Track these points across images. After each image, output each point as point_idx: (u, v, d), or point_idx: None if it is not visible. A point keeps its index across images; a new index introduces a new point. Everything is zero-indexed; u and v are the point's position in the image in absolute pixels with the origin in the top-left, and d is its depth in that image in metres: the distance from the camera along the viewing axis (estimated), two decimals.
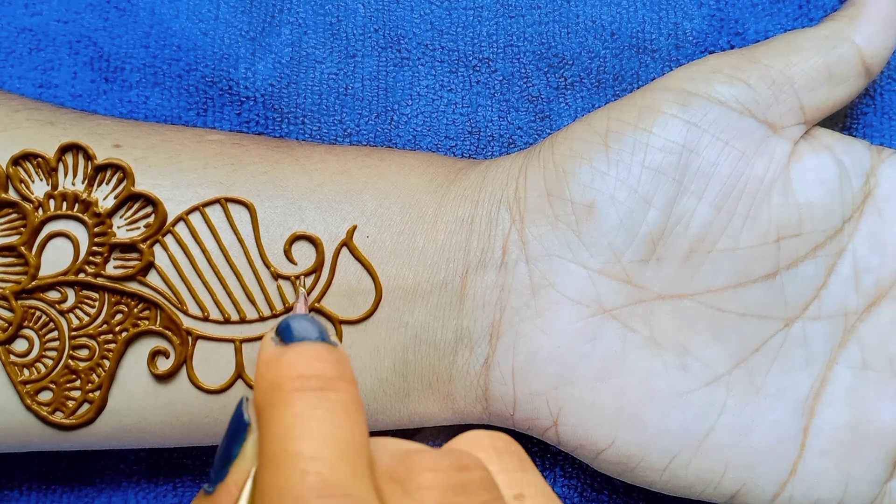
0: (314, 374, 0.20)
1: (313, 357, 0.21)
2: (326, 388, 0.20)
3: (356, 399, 0.21)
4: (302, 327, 0.22)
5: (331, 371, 0.21)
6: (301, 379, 0.20)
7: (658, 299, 0.27)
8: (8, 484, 0.32)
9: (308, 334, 0.22)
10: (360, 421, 0.20)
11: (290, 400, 0.20)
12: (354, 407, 0.20)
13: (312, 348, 0.21)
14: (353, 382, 0.21)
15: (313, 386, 0.20)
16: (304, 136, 0.32)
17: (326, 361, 0.21)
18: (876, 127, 0.32)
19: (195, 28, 0.31)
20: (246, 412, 0.21)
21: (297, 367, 0.21)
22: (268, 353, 0.21)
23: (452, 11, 0.32)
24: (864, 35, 0.28)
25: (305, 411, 0.20)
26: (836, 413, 0.28)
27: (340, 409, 0.20)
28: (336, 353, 0.21)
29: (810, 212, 0.28)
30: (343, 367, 0.21)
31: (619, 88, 0.32)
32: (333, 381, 0.20)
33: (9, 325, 0.27)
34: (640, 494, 0.31)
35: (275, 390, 0.20)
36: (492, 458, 0.21)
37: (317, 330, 0.22)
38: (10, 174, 0.27)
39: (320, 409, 0.20)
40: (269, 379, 0.21)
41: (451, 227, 0.28)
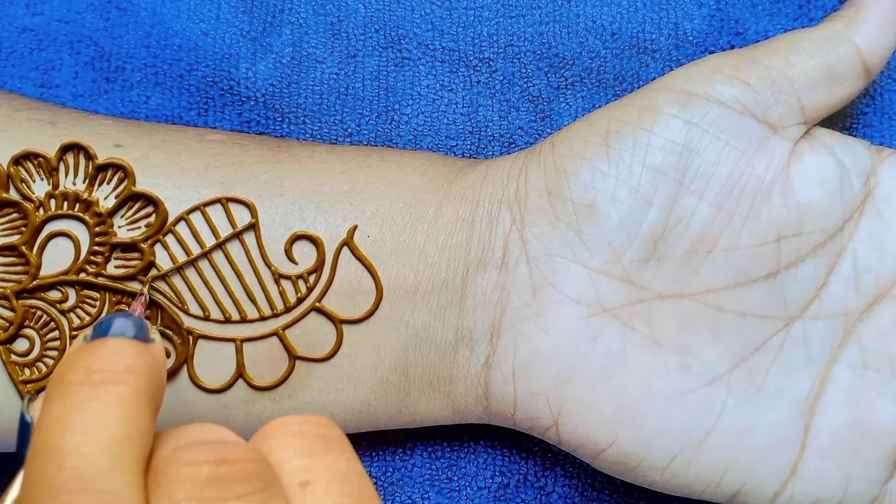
0: (101, 367, 0.20)
1: (108, 351, 0.21)
2: (109, 381, 0.20)
3: (140, 392, 0.20)
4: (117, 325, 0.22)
5: (122, 365, 0.21)
6: (86, 372, 0.20)
7: (658, 299, 0.27)
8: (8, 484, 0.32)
9: (123, 331, 0.22)
10: (138, 414, 0.20)
11: (68, 392, 0.20)
12: (135, 400, 0.20)
13: (112, 343, 0.21)
14: (144, 375, 0.21)
15: (95, 379, 0.20)
16: (305, 135, 0.32)
17: (121, 355, 0.21)
18: (876, 127, 0.32)
19: (196, 28, 0.32)
20: (27, 413, 0.22)
21: (87, 361, 0.21)
22: (71, 349, 0.22)
23: (453, 11, 0.32)
24: (864, 35, 0.28)
25: (78, 403, 0.20)
26: (837, 413, 0.28)
27: (116, 402, 0.20)
28: (138, 348, 0.21)
29: (810, 211, 0.28)
30: (140, 360, 0.21)
31: (619, 88, 0.32)
32: (120, 374, 0.20)
33: (10, 325, 0.27)
34: (641, 494, 0.32)
35: (58, 382, 0.20)
36: (288, 443, 0.21)
37: (132, 324, 0.22)
38: (11, 174, 0.27)
39: (93, 401, 0.20)
40: (58, 372, 0.21)
41: (452, 226, 0.28)
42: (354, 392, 0.28)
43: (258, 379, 0.28)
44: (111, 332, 0.22)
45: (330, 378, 0.28)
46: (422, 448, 0.31)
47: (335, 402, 0.28)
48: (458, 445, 0.31)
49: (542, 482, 0.31)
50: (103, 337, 0.22)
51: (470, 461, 0.31)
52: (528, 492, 0.31)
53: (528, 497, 0.31)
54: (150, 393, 0.21)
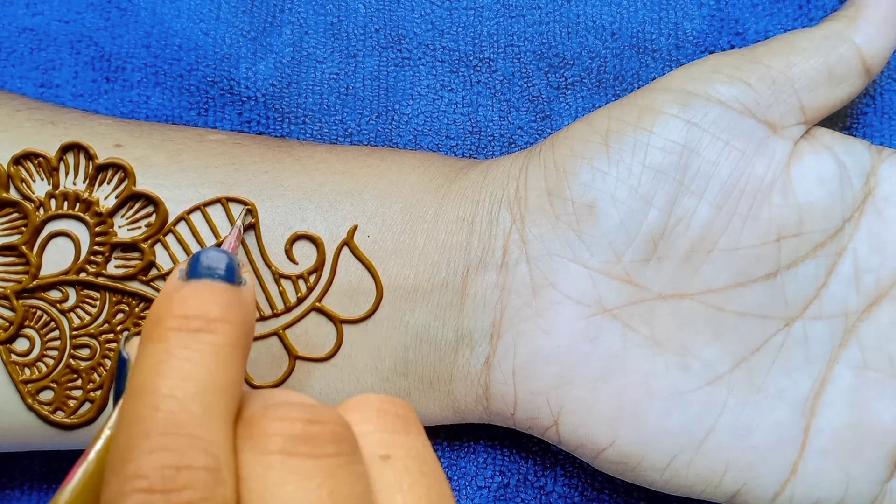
0: (197, 314, 0.21)
1: (202, 296, 0.21)
2: (204, 329, 0.21)
3: (233, 342, 0.21)
4: (210, 260, 0.22)
5: (216, 312, 0.21)
6: (182, 318, 0.21)
7: (659, 299, 0.27)
8: (9, 484, 0.32)
9: (215, 267, 0.22)
10: (231, 364, 0.21)
11: (165, 337, 0.21)
12: (228, 350, 0.21)
13: (207, 287, 0.22)
14: (236, 324, 0.21)
15: (191, 326, 0.21)
16: (305, 135, 0.32)
17: (214, 303, 0.21)
18: (876, 127, 0.32)
19: (196, 28, 0.32)
20: (125, 350, 0.22)
21: (182, 306, 0.21)
22: (167, 286, 0.22)
23: (453, 11, 0.32)
24: (864, 35, 0.28)
25: (174, 349, 0.20)
26: (837, 413, 0.28)
27: (210, 350, 0.20)
28: (231, 294, 0.22)
29: (811, 211, 0.28)
30: (232, 308, 0.22)
31: (619, 88, 0.32)
32: (215, 322, 0.21)
33: (10, 325, 0.27)
34: (641, 494, 0.32)
35: (155, 325, 0.21)
36: (370, 417, 0.22)
37: (224, 264, 0.22)
38: (12, 174, 0.27)
39: (189, 349, 0.20)
40: (155, 314, 0.21)
41: (452, 226, 0.28)
42: (354, 392, 0.28)
43: (258, 379, 0.28)
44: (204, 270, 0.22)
45: (330, 378, 0.28)
46: None
47: (335, 402, 0.28)
48: (458, 445, 0.31)
49: (542, 482, 0.31)
50: (198, 279, 0.22)
51: (470, 461, 0.31)
52: (528, 491, 0.31)
53: (528, 497, 0.31)
54: (241, 341, 0.21)
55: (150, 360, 0.20)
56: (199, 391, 0.20)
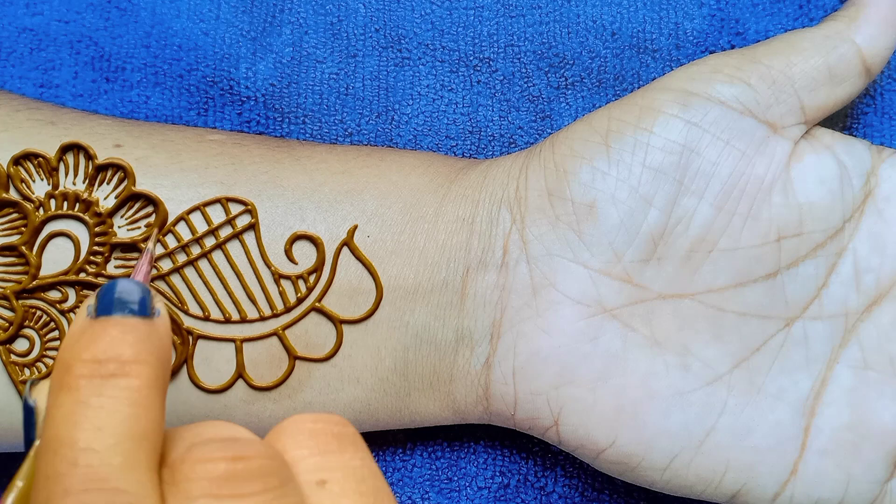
0: (108, 356, 0.20)
1: (113, 336, 0.20)
2: (117, 373, 0.20)
3: (150, 383, 0.20)
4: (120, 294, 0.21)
5: (128, 353, 0.20)
6: (93, 363, 0.20)
7: (659, 299, 0.27)
8: (8, 484, 0.32)
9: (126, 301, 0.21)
10: (150, 407, 0.20)
11: (77, 385, 0.20)
12: (145, 393, 0.20)
13: (118, 325, 0.21)
14: (152, 364, 0.20)
15: (103, 372, 0.20)
16: (305, 135, 0.32)
17: (125, 342, 0.20)
18: (876, 127, 0.32)
19: (196, 28, 0.31)
20: (30, 398, 0.21)
21: (92, 348, 0.20)
22: (74, 325, 0.21)
23: (453, 11, 0.32)
24: (865, 35, 0.28)
25: (88, 398, 0.20)
26: (837, 413, 0.28)
27: (125, 396, 0.20)
28: (143, 330, 0.21)
29: (811, 211, 0.28)
30: (146, 346, 0.21)
31: (619, 88, 0.32)
32: (128, 364, 0.20)
33: (10, 325, 0.27)
34: (641, 494, 0.31)
35: (65, 372, 0.20)
36: (303, 441, 0.21)
37: (136, 297, 0.21)
38: (11, 174, 0.27)
39: (103, 396, 0.20)
40: (64, 359, 0.20)
41: (452, 226, 0.28)
42: (354, 392, 0.28)
43: (258, 379, 0.28)
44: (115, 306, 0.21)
45: (330, 378, 0.28)
46: (422, 448, 0.31)
47: (335, 403, 0.28)
48: (459, 446, 0.31)
49: (543, 482, 0.31)
50: (107, 316, 0.21)
51: (470, 461, 0.31)
52: (529, 492, 0.31)
53: (529, 497, 0.31)
54: (158, 381, 0.21)
55: (64, 411, 0.19)
56: (118, 441, 0.19)
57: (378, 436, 0.31)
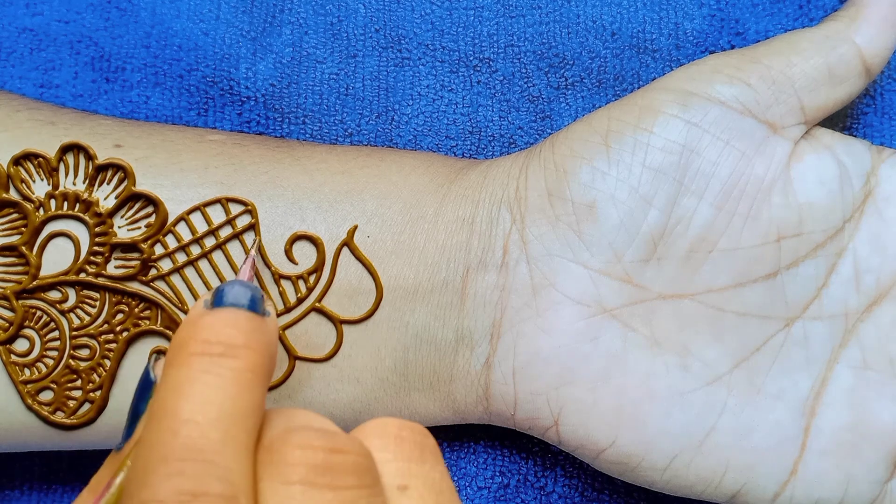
0: (220, 339, 0.21)
1: (226, 323, 0.21)
2: (226, 354, 0.21)
3: (255, 368, 0.21)
4: (234, 293, 0.22)
5: (239, 339, 0.21)
6: (205, 343, 0.21)
7: (659, 299, 0.27)
8: (8, 484, 0.32)
9: (238, 300, 0.22)
10: (251, 389, 0.20)
11: (188, 362, 0.20)
12: (250, 376, 0.21)
13: (230, 314, 0.22)
14: (259, 351, 0.21)
15: (214, 351, 0.21)
16: (305, 136, 0.32)
17: (238, 329, 0.21)
18: (876, 127, 0.32)
19: (196, 28, 0.32)
20: (152, 371, 0.22)
21: (206, 331, 0.21)
22: (191, 314, 0.22)
23: (453, 11, 0.32)
24: (865, 35, 0.28)
25: (196, 374, 0.20)
26: (837, 413, 0.28)
27: (231, 375, 0.20)
28: (254, 322, 0.22)
29: (811, 212, 0.28)
30: (256, 336, 0.21)
31: (619, 88, 0.32)
32: (237, 348, 0.21)
33: (10, 325, 0.27)
34: (641, 494, 0.31)
35: (179, 350, 0.21)
36: (388, 445, 0.21)
37: (248, 296, 0.22)
38: (11, 174, 0.27)
39: (210, 373, 0.20)
40: (179, 339, 0.21)
41: (452, 226, 0.28)
42: (354, 392, 0.28)
43: None
44: (229, 301, 0.22)
45: (330, 378, 0.28)
46: None
47: (335, 403, 0.28)
48: (458, 446, 0.31)
49: (543, 482, 0.31)
50: (222, 307, 0.22)
51: (470, 461, 0.31)
52: (529, 492, 0.31)
53: (529, 497, 0.31)
54: (263, 368, 0.21)
55: (172, 384, 0.20)
56: (220, 416, 0.20)
57: None
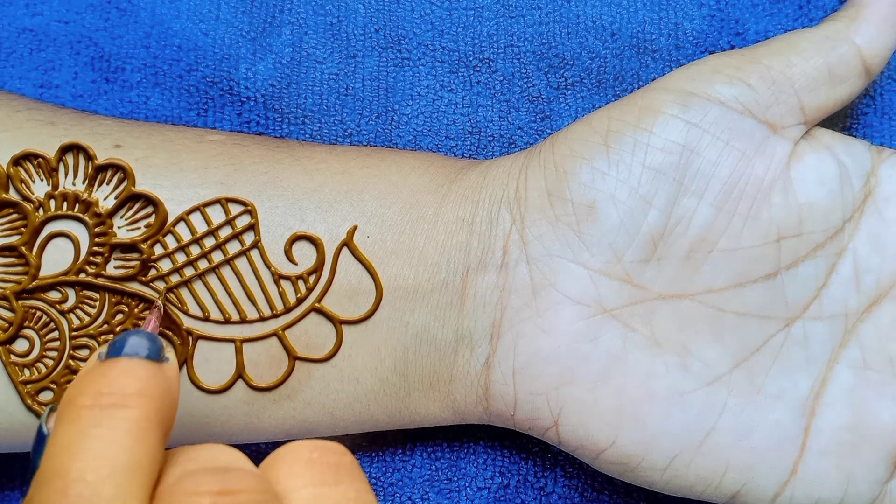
0: (111, 390, 0.20)
1: (119, 372, 0.21)
2: (118, 405, 0.20)
3: (150, 416, 0.20)
4: (131, 344, 0.22)
5: (132, 387, 0.20)
6: (96, 395, 0.20)
7: (659, 299, 0.27)
8: (8, 484, 0.32)
9: (136, 350, 0.21)
10: (146, 439, 0.20)
11: (77, 416, 0.20)
12: (144, 425, 0.20)
13: (123, 363, 0.21)
14: (155, 398, 0.21)
15: (105, 402, 0.20)
16: (305, 136, 0.32)
17: (131, 377, 0.21)
18: (876, 127, 0.32)
19: (196, 28, 0.31)
20: (45, 426, 0.21)
21: (97, 383, 0.20)
22: (84, 367, 0.21)
23: (453, 12, 0.32)
24: (865, 35, 0.28)
25: (86, 429, 0.20)
26: (837, 413, 0.28)
27: (124, 427, 0.20)
28: (149, 369, 0.21)
29: (811, 212, 0.28)
30: (152, 382, 0.21)
31: (619, 88, 0.32)
32: (130, 397, 0.20)
33: (9, 326, 0.27)
34: (641, 494, 0.31)
35: (68, 405, 0.20)
36: (298, 471, 0.21)
37: (145, 347, 0.22)
38: (11, 174, 0.27)
39: (101, 426, 0.20)
40: (69, 393, 0.21)
41: (452, 227, 0.28)
42: (354, 392, 0.28)
43: (258, 379, 0.28)
44: (124, 352, 0.21)
45: (330, 379, 0.28)
46: (422, 448, 0.31)
47: (335, 403, 0.28)
48: (458, 446, 0.31)
49: (542, 483, 0.31)
50: (116, 357, 0.21)
51: (470, 462, 0.31)
52: (528, 492, 0.31)
53: (528, 497, 0.31)
54: (160, 416, 0.21)
55: (62, 441, 0.20)
56: (112, 472, 0.19)
57: (378, 436, 0.31)
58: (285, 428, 0.28)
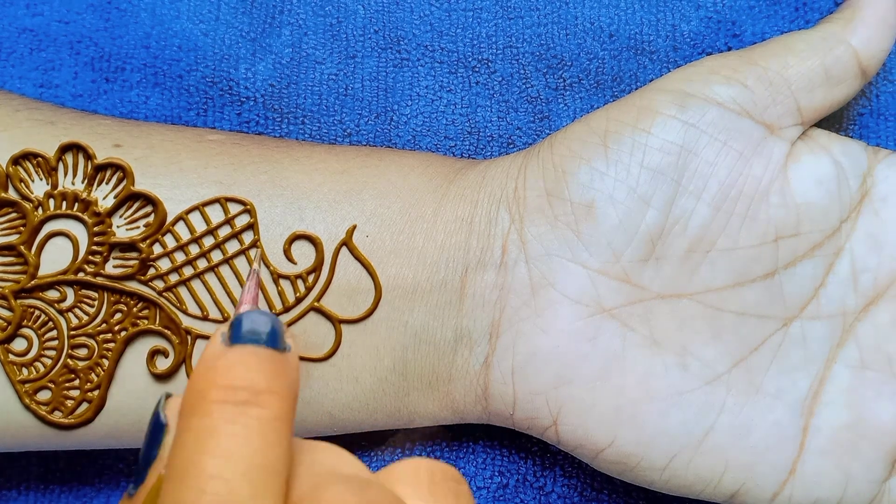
0: (243, 384, 0.20)
1: (248, 365, 0.20)
2: (250, 402, 0.20)
3: (281, 416, 0.20)
4: (253, 324, 0.21)
5: (262, 383, 0.20)
6: (227, 389, 0.20)
7: (657, 299, 0.28)
8: (6, 484, 0.32)
9: (259, 332, 0.21)
10: (278, 440, 0.20)
11: (209, 411, 0.19)
12: (276, 425, 0.20)
13: (252, 355, 0.21)
14: (284, 396, 0.20)
15: (237, 398, 0.20)
16: (304, 136, 0.32)
17: (261, 371, 0.20)
18: (872, 128, 0.32)
19: (196, 28, 0.32)
20: (162, 413, 0.21)
21: (227, 376, 0.20)
22: (209, 351, 0.21)
23: (452, 13, 0.32)
24: (861, 37, 0.28)
25: (220, 425, 0.19)
26: (835, 412, 0.28)
27: (257, 426, 0.19)
28: (277, 362, 0.21)
29: (808, 212, 0.28)
30: (279, 378, 0.20)
31: (617, 89, 0.32)
32: (261, 394, 0.20)
33: (8, 325, 0.27)
34: (640, 494, 0.31)
35: (199, 397, 0.20)
36: (422, 492, 0.21)
37: (268, 327, 0.21)
38: (10, 173, 0.27)
39: (236, 424, 0.19)
40: (199, 384, 0.20)
41: (451, 226, 0.28)
42: (353, 392, 0.28)
43: None
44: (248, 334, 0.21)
45: (329, 378, 0.28)
46: (421, 448, 0.31)
47: (334, 402, 0.28)
48: (457, 445, 0.31)
49: (541, 482, 0.31)
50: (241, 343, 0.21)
51: (469, 461, 0.31)
52: (527, 492, 0.31)
53: (528, 497, 0.31)
54: (288, 414, 0.20)
55: (194, 436, 0.19)
56: (248, 470, 0.19)
57: (378, 435, 0.31)
58: None
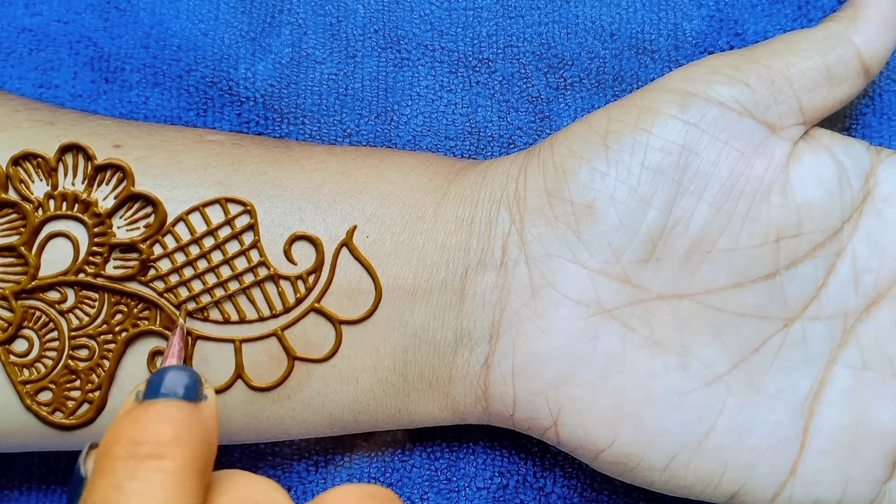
0: (147, 438, 0.20)
1: (154, 418, 0.20)
2: (154, 454, 0.20)
3: (187, 465, 0.20)
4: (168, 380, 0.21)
5: (167, 435, 0.20)
6: (130, 444, 0.20)
7: (658, 299, 0.27)
8: (7, 484, 0.32)
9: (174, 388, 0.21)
10: (185, 489, 0.20)
11: (113, 468, 0.20)
12: (181, 474, 0.20)
13: (160, 407, 0.21)
14: (192, 445, 0.20)
15: (139, 453, 0.20)
16: (304, 136, 0.32)
17: (167, 423, 0.20)
18: (875, 127, 0.32)
19: (195, 28, 0.32)
20: (83, 466, 0.21)
21: (132, 430, 0.20)
22: (121, 410, 0.21)
23: (452, 12, 0.32)
24: (863, 36, 0.28)
25: (121, 482, 0.19)
26: (836, 413, 0.28)
27: (160, 478, 0.20)
28: (186, 412, 0.21)
29: (810, 212, 0.28)
30: (188, 428, 0.21)
31: (618, 89, 0.32)
32: (167, 446, 0.20)
33: (9, 326, 0.27)
34: (640, 494, 0.32)
35: (105, 454, 0.20)
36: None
37: (184, 383, 0.21)
38: (10, 174, 0.27)
39: (136, 480, 0.19)
40: (106, 440, 0.20)
41: (451, 227, 0.28)
42: (353, 392, 0.28)
43: (257, 379, 0.28)
44: (162, 391, 0.21)
45: (329, 379, 0.28)
46: (421, 448, 0.31)
47: (334, 403, 0.28)
48: (458, 446, 0.31)
49: (542, 483, 0.31)
50: (152, 399, 0.21)
51: (469, 462, 0.31)
52: (528, 492, 0.31)
53: (528, 498, 0.31)
54: (196, 463, 0.20)
55: (98, 496, 0.19)
56: None
57: (377, 436, 0.31)
58: (284, 428, 0.28)
